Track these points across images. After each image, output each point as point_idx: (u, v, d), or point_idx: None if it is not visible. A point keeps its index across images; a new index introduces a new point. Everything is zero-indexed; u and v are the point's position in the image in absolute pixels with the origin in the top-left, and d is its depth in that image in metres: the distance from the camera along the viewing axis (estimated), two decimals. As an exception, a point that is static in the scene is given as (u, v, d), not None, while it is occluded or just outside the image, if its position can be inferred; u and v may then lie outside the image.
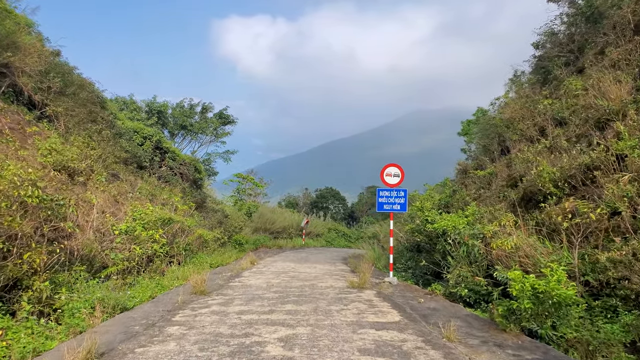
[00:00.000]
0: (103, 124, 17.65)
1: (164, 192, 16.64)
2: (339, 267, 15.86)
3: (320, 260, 19.11)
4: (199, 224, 19.56)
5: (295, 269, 14.56)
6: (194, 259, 14.60)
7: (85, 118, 13.28)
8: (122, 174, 16.06)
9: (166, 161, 22.19)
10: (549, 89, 14.65)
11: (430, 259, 13.13)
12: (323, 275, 12.77)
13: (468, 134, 29.11)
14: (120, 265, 8.69)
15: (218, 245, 19.02)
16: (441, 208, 13.91)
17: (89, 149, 11.79)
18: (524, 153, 11.49)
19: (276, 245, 26.81)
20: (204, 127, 37.18)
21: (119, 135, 19.01)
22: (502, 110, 16.05)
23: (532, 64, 19.46)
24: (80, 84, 13.71)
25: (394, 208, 11.31)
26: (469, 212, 11.24)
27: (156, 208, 13.80)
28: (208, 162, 39.55)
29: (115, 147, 16.72)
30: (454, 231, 10.36)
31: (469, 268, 9.66)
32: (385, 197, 11.26)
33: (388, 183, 11.35)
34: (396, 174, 11.33)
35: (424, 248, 15.07)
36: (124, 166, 17.81)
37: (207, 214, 22.49)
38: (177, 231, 14.62)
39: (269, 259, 18.54)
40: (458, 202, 13.83)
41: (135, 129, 21.26)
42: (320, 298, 8.28)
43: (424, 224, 12.54)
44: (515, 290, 5.61)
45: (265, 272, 13.22)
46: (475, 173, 14.72)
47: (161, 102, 34.59)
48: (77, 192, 10.11)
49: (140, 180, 17.84)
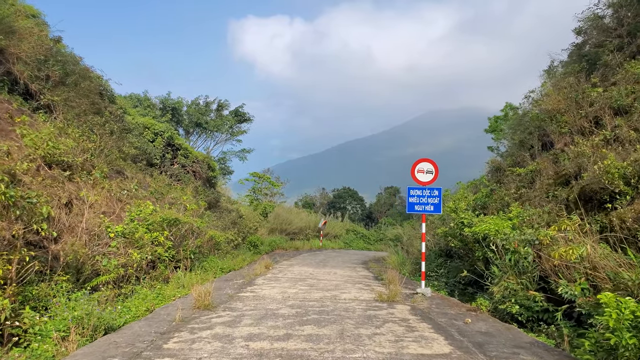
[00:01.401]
0: (110, 118, 16.66)
1: (174, 190, 15.51)
2: (361, 273, 14.52)
3: (339, 264, 17.81)
4: (211, 224, 18.44)
5: (314, 274, 13.28)
6: (205, 263, 13.43)
7: (87, 110, 12.20)
8: (128, 171, 15.00)
9: (178, 158, 21.15)
10: (597, 76, 13.08)
11: (465, 266, 11.71)
12: (345, 283, 11.45)
13: (496, 131, 27.46)
14: (113, 274, 7.51)
15: (231, 247, 17.87)
16: (477, 209, 12.47)
17: (88, 142, 10.67)
18: (578, 146, 9.98)
19: (293, 247, 25.59)
20: (220, 125, 36.18)
21: (127, 131, 18.00)
22: (541, 102, 14.49)
23: (571, 52, 17.87)
24: (83, 74, 12.64)
25: (427, 209, 9.92)
26: (512, 215, 9.80)
27: (163, 207, 12.67)
28: (223, 161, 38.56)
29: (122, 142, 15.68)
30: (498, 236, 8.95)
31: (518, 280, 8.24)
32: (416, 196, 9.88)
33: (420, 180, 9.97)
34: (429, 170, 9.94)
35: (456, 254, 13.66)
36: (133, 163, 16.79)
37: (221, 214, 21.36)
38: (186, 233, 13.49)
39: (285, 263, 17.31)
40: (496, 202, 12.36)
41: (145, 124, 20.26)
42: (345, 316, 6.96)
43: (459, 227, 11.14)
44: (612, 319, 4.21)
45: (281, 278, 11.97)
46: (513, 171, 13.22)
47: (176, 99, 33.68)
48: (69, 189, 8.99)
49: (149, 178, 16.80)
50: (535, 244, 7.89)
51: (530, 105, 18.35)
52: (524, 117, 18.18)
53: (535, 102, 16.75)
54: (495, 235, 9.07)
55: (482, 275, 9.66)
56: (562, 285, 6.60)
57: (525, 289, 8.14)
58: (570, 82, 14.18)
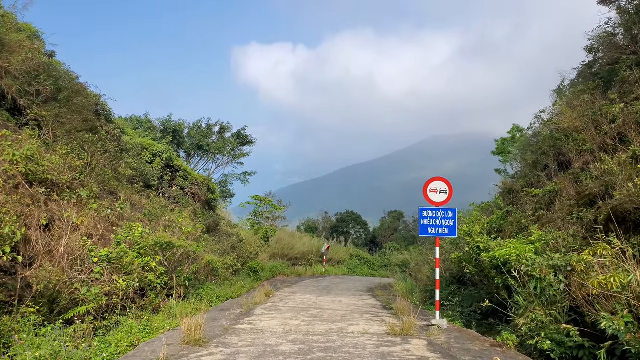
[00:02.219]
0: (107, 137, 16.08)
1: (168, 212, 14.76)
2: (368, 302, 13.60)
3: (344, 292, 16.87)
4: (209, 249, 17.61)
5: (318, 303, 12.37)
6: (201, 290, 12.56)
7: (79, 126, 11.57)
8: (122, 192, 14.29)
9: (177, 180, 20.47)
10: (615, 93, 12.46)
11: (481, 295, 10.81)
12: (351, 313, 10.55)
13: (503, 153, 26.78)
14: (92, 304, 6.68)
15: (230, 273, 16.98)
16: (492, 232, 11.65)
17: (77, 159, 9.98)
18: (604, 164, 9.23)
19: (295, 273, 24.61)
20: (221, 148, 35.62)
21: (124, 151, 17.39)
22: (555, 121, 13.82)
23: (581, 71, 17.38)
24: (76, 90, 12.06)
25: (441, 232, 9.11)
26: (534, 238, 8.98)
27: (156, 230, 11.89)
28: (225, 184, 37.86)
29: (118, 163, 15.03)
30: (521, 262, 8.12)
31: (547, 310, 7.38)
32: (429, 218, 9.09)
33: (433, 201, 9.19)
34: (443, 189, 9.17)
35: (470, 281, 12.75)
36: (129, 184, 16.12)
37: (220, 238, 20.53)
38: (181, 258, 12.68)
39: (286, 290, 16.38)
40: (512, 225, 11.54)
41: (144, 145, 19.67)
42: (355, 354, 6.09)
43: (475, 252, 10.30)
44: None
45: (282, 308, 11.08)
46: (529, 192, 12.45)
47: (177, 121, 33.23)
48: (52, 209, 8.25)
49: (145, 200, 16.09)
50: (566, 271, 7.05)
51: (541, 126, 17.73)
52: (536, 137, 17.54)
53: (548, 122, 16.13)
54: (517, 261, 8.25)
55: (502, 305, 8.80)
56: (604, 319, 5.75)
57: (555, 321, 7.28)
58: (585, 99, 13.57)
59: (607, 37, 15.76)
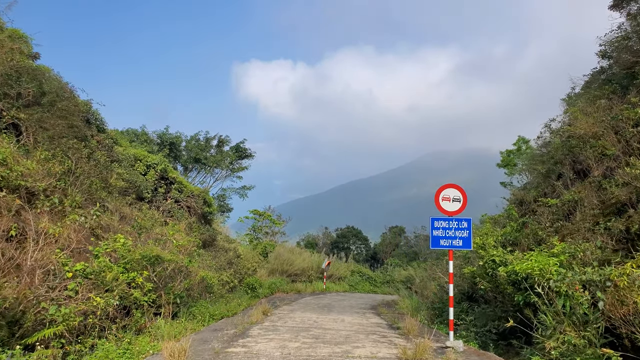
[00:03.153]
0: (97, 147, 15.35)
1: (159, 225, 13.93)
2: (373, 321, 12.67)
3: (346, 309, 15.94)
4: (204, 264, 16.73)
5: (319, 322, 11.46)
6: (194, 308, 11.66)
7: (64, 133, 10.81)
8: (112, 204, 13.49)
9: (172, 193, 19.65)
10: (636, 96, 11.75)
11: (497, 312, 9.92)
12: (356, 333, 9.64)
13: (509, 165, 26.03)
14: (62, 325, 5.80)
15: (226, 290, 16.05)
16: (506, 245, 10.79)
17: (58, 166, 9.19)
18: (636, 167, 8.45)
19: (294, 289, 23.63)
20: (219, 161, 34.86)
21: (115, 161, 16.62)
22: (569, 129, 13.07)
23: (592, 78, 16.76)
24: (61, 94, 11.33)
25: (455, 244, 8.27)
26: (557, 250, 8.14)
27: (145, 243, 11.05)
28: (223, 198, 37.01)
29: (108, 173, 14.26)
30: (545, 276, 7.28)
31: (580, 332, 6.51)
32: (442, 228, 8.25)
33: (445, 210, 8.37)
34: (456, 197, 8.36)
35: (482, 297, 11.85)
36: (121, 196, 15.32)
37: (217, 253, 19.64)
38: (172, 273, 11.81)
39: (285, 308, 15.45)
40: (528, 238, 10.69)
41: (137, 156, 18.91)
42: (364, 384, 5.21)
43: (490, 266, 9.44)
44: None
45: (281, 328, 10.17)
46: (544, 202, 11.65)
47: (174, 134, 32.53)
48: (26, 219, 7.44)
49: (137, 213, 15.26)
50: (604, 286, 6.20)
51: (552, 135, 17.01)
52: (546, 146, 16.80)
53: (560, 130, 15.40)
54: (541, 276, 7.40)
55: (521, 324, 7.92)
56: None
57: (589, 344, 6.41)
58: (602, 105, 12.87)
59: (620, 42, 15.15)
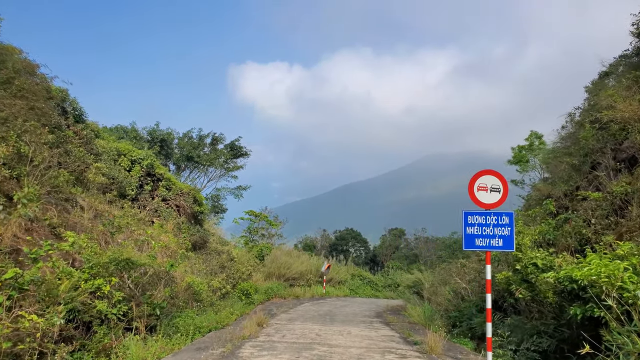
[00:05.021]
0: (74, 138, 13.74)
1: (137, 223, 12.32)
2: (383, 333, 11.08)
3: (350, 318, 14.35)
4: (194, 268, 15.09)
5: (322, 336, 9.86)
6: (177, 319, 10.03)
7: (22, 114, 9.17)
8: (86, 200, 11.88)
9: (159, 190, 18.02)
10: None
11: (536, 326, 8.33)
12: (368, 351, 8.04)
13: (521, 162, 24.47)
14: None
15: (218, 297, 14.41)
16: (542, 245, 9.23)
17: (7, 149, 7.58)
18: None
19: (292, 294, 22.00)
20: (213, 159, 33.20)
21: (95, 155, 15.01)
22: (609, 113, 11.48)
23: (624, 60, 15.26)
24: (19, 69, 9.70)
25: (493, 244, 6.69)
26: (622, 252, 6.58)
27: (116, 244, 9.45)
28: (217, 199, 35.35)
29: (83, 166, 12.67)
30: (613, 285, 5.72)
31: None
32: (477, 225, 6.67)
33: (482, 202, 6.79)
34: (495, 186, 6.78)
35: (513, 307, 10.25)
36: (100, 193, 13.72)
37: (208, 256, 18.02)
38: (153, 279, 10.22)
39: (283, 317, 13.83)
40: (569, 237, 9.12)
41: (121, 150, 17.27)
42: None
43: (530, 270, 7.87)
44: None
45: (278, 344, 8.56)
46: (583, 195, 10.10)
47: (165, 131, 30.85)
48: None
49: (117, 211, 13.64)
50: None
51: (575, 125, 15.49)
52: (569, 138, 15.27)
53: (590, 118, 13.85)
54: (609, 284, 5.83)
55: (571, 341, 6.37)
56: None
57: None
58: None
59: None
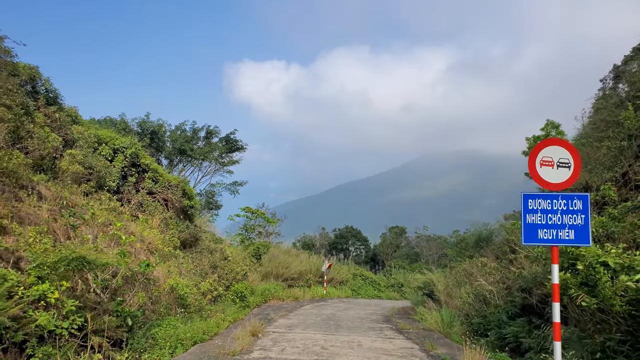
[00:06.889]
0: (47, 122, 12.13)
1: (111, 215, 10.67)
2: (399, 344, 9.44)
3: (357, 323, 12.74)
4: (182, 268, 13.46)
5: (328, 349, 8.21)
6: (157, 329, 8.38)
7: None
8: (51, 189, 10.21)
9: (145, 182, 16.35)
10: None
11: (597, 340, 6.68)
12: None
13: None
14: None
15: (208, 300, 12.76)
16: (600, 239, 7.59)
17: None
18: None
19: (291, 296, 20.29)
20: (207, 153, 31.46)
21: (70, 142, 13.35)
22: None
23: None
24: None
25: (562, 237, 5.02)
26: None
27: (77, 238, 7.80)
28: (212, 194, 33.66)
29: (51, 151, 11.03)
30: None
31: None
32: (542, 211, 4.99)
33: (546, 181, 5.11)
34: (564, 161, 5.09)
35: (565, 315, 8.60)
36: (74, 184, 12.08)
37: (200, 255, 16.37)
38: (127, 282, 8.59)
39: (281, 323, 12.19)
40: (629, 230, 7.49)
41: (102, 137, 15.59)
42: None
43: (598, 271, 6.22)
44: None
45: (275, 359, 6.90)
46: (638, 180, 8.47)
47: (156, 122, 29.10)
48: None
49: (94, 203, 11.98)
50: None
51: (610, 105, 13.85)
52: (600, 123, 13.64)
53: (629, 98, 12.24)
54: None
55: None
56: None
57: None
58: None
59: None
